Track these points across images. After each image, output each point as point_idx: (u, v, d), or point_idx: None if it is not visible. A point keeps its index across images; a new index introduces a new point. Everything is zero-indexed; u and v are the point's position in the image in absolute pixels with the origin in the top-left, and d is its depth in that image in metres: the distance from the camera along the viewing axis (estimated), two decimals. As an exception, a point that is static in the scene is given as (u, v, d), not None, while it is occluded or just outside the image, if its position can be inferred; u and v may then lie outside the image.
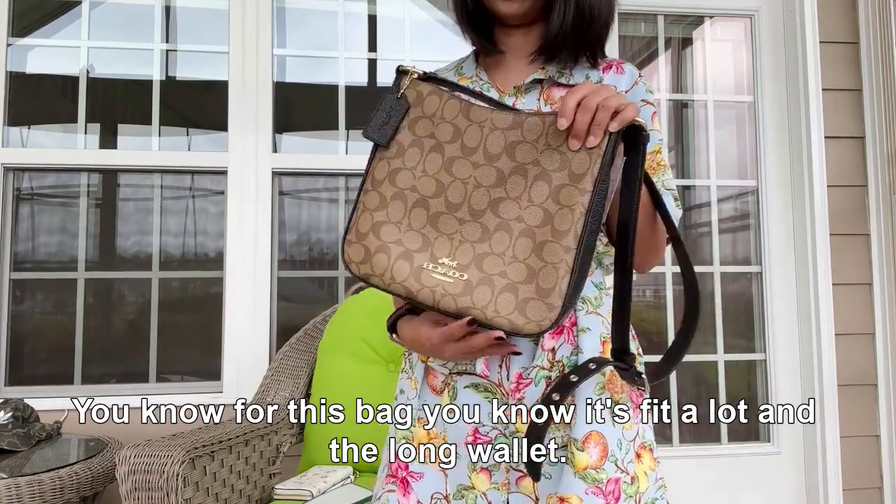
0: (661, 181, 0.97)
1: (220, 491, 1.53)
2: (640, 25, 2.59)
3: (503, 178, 0.80)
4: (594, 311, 0.95)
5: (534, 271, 0.77)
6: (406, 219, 0.83)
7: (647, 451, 0.93)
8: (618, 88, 0.98)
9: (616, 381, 0.93)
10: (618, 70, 1.01)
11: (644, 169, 0.81)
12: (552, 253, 0.77)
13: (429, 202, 0.83)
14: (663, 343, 2.47)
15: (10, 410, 1.79)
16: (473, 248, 0.80)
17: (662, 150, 0.99)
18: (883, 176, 2.38)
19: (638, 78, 1.00)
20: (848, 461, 2.33)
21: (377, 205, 0.85)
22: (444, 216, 0.82)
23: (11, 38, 2.24)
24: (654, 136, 0.97)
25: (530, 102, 0.99)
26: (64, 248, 2.26)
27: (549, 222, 0.77)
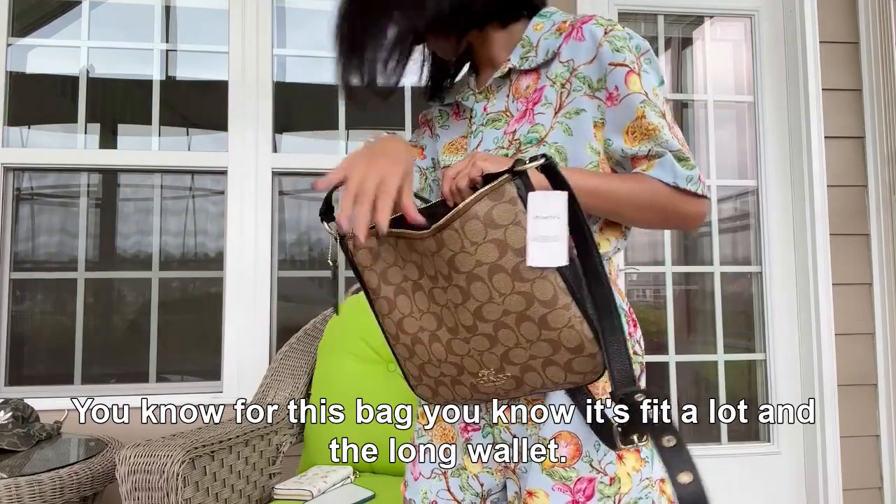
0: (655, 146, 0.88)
1: (220, 491, 1.53)
2: (640, 25, 2.59)
3: (466, 291, 0.80)
4: None
5: (555, 341, 0.78)
6: (430, 355, 0.87)
7: (632, 452, 0.91)
8: (576, 61, 0.91)
9: (599, 384, 0.90)
10: (577, 36, 0.92)
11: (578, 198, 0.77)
12: (557, 320, 0.77)
13: (437, 335, 0.86)
14: (663, 343, 2.47)
15: (10, 410, 1.79)
16: (493, 354, 0.82)
17: (648, 110, 0.87)
18: (883, 176, 2.38)
19: (602, 38, 0.89)
20: (848, 461, 2.33)
21: (408, 354, 0.90)
22: (453, 341, 0.84)
23: (11, 38, 2.24)
24: (633, 100, 0.88)
25: (500, 99, 0.97)
26: (64, 248, 2.26)
27: (533, 300, 0.77)
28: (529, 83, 0.96)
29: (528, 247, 0.75)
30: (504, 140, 0.95)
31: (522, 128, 0.93)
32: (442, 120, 1.09)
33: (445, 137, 1.06)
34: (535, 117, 0.93)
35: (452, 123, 1.06)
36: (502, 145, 0.95)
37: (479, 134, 0.98)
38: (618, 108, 0.89)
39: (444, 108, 1.09)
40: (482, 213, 0.76)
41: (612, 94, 0.89)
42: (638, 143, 0.88)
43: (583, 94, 0.90)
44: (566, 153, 0.91)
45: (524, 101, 0.95)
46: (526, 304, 0.77)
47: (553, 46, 0.93)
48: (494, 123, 0.97)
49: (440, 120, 1.09)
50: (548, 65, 0.94)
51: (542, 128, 0.92)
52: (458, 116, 1.05)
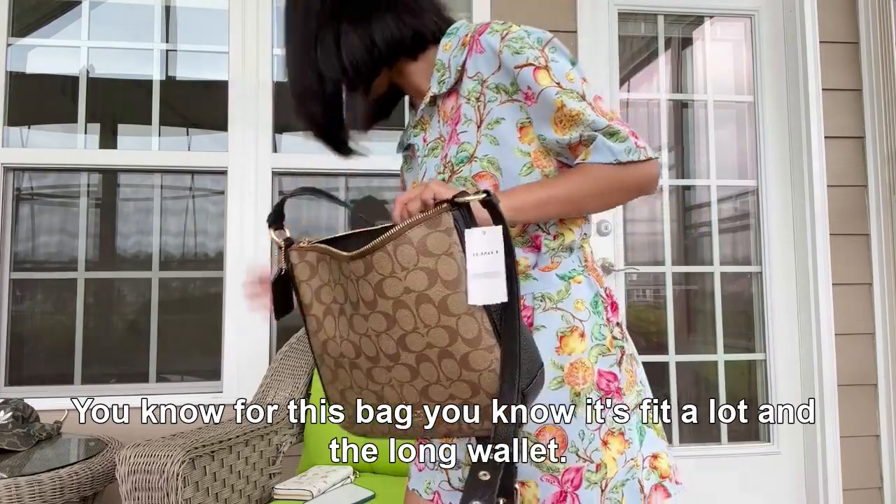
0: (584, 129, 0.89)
1: (220, 491, 1.53)
2: (640, 25, 2.59)
3: (391, 318, 0.78)
4: (554, 307, 0.94)
5: (475, 384, 0.76)
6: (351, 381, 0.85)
7: (616, 435, 0.93)
8: (484, 73, 0.94)
9: (577, 373, 0.92)
10: (478, 49, 0.94)
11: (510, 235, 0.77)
12: (479, 361, 0.75)
13: (356, 362, 0.84)
14: (663, 343, 2.47)
15: (10, 410, 1.79)
16: (413, 387, 0.80)
17: (566, 98, 0.89)
18: (883, 176, 2.38)
19: (500, 45, 0.92)
20: (848, 461, 2.33)
21: (330, 377, 0.88)
22: (374, 369, 0.82)
23: (11, 38, 2.24)
24: (548, 94, 0.89)
25: (434, 127, 1.01)
26: (64, 248, 2.26)
27: (457, 336, 0.75)
28: (452, 104, 0.98)
29: (468, 284, 0.74)
30: (441, 165, 0.97)
31: (451, 149, 0.96)
32: (406, 165, 1.13)
33: (410, 179, 1.10)
34: (459, 136, 0.96)
35: (414, 165, 1.09)
36: (440, 170, 0.97)
37: (423, 165, 1.01)
38: (538, 105, 0.91)
39: (405, 153, 1.13)
40: (416, 239, 0.75)
41: (528, 94, 0.91)
42: (568, 131, 0.90)
43: (499, 103, 0.93)
44: (498, 163, 0.93)
45: (450, 122, 0.98)
46: (449, 339, 0.75)
47: (459, 62, 0.96)
48: (433, 152, 1.00)
49: (405, 165, 1.13)
50: (460, 82, 0.97)
51: (470, 145, 0.94)
52: (414, 157, 1.08)
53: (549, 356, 0.92)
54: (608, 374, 0.94)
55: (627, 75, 2.56)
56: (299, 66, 0.99)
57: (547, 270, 0.95)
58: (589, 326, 0.94)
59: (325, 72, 0.97)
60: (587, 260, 0.99)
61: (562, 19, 2.39)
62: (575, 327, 0.93)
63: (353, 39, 0.96)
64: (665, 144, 2.56)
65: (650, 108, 2.57)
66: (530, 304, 0.94)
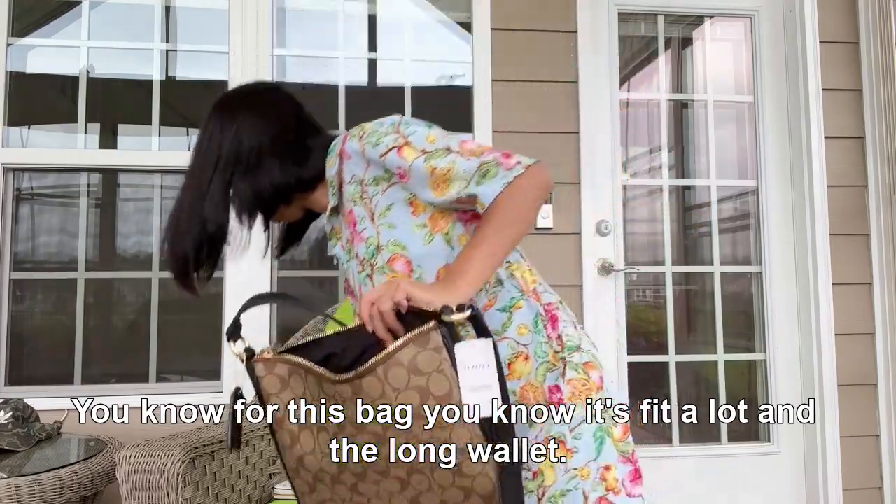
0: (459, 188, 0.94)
1: (220, 491, 1.53)
2: (640, 25, 2.59)
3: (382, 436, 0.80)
4: (500, 337, 0.99)
5: (468, 489, 0.78)
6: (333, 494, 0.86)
7: (558, 443, 0.94)
8: (358, 175, 1.03)
9: (528, 393, 0.97)
10: (346, 157, 1.05)
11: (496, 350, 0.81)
12: (472, 467, 0.77)
13: (340, 478, 0.85)
14: (663, 343, 2.47)
15: (10, 410, 1.79)
16: (404, 496, 0.82)
17: (434, 161, 0.95)
18: (883, 176, 2.38)
19: (360, 145, 1.01)
20: (848, 461, 2.33)
21: (308, 489, 0.88)
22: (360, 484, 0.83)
23: (11, 38, 2.24)
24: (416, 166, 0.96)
25: (344, 233, 1.10)
26: (64, 248, 2.26)
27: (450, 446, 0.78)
28: (345, 210, 1.08)
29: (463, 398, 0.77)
30: (358, 265, 1.07)
31: (360, 248, 1.05)
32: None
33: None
34: (362, 234, 1.04)
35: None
36: (360, 270, 1.06)
37: (349, 269, 1.11)
38: (413, 179, 0.98)
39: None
40: (407, 360, 0.78)
41: (401, 174, 0.99)
42: (446, 190, 0.95)
43: (382, 193, 1.01)
44: (402, 243, 1.00)
45: (350, 227, 1.07)
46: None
47: (333, 174, 1.07)
48: (350, 254, 1.10)
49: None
50: (343, 189, 1.06)
51: (373, 238, 1.02)
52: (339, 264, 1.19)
53: None
54: (554, 387, 0.97)
55: (627, 75, 2.56)
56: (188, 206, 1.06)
57: (487, 308, 1.01)
58: (532, 348, 0.99)
59: (208, 216, 1.05)
60: (523, 284, 1.04)
61: (562, 19, 2.39)
62: (520, 352, 0.98)
63: (242, 187, 1.05)
64: (665, 144, 2.56)
65: (650, 108, 2.57)
66: None
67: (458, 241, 1.01)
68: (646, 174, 2.56)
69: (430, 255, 1.00)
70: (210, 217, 1.04)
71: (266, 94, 1.12)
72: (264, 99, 1.11)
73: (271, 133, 1.06)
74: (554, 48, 2.38)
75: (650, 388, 2.46)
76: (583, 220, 2.33)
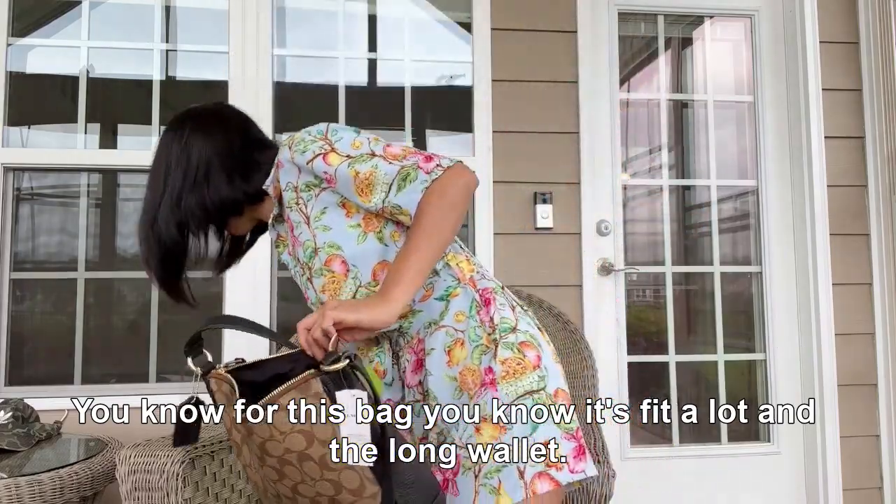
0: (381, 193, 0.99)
1: (220, 491, 1.53)
2: (640, 25, 2.59)
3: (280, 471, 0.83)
4: (437, 327, 1.03)
5: None
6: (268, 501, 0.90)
7: (488, 422, 0.96)
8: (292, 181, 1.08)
9: (467, 378, 1.00)
10: (280, 166, 1.10)
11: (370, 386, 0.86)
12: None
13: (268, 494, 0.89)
14: (663, 343, 2.47)
15: (10, 410, 1.79)
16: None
17: (357, 166, 1.01)
18: (883, 176, 2.38)
19: (290, 154, 1.06)
20: (848, 461, 2.33)
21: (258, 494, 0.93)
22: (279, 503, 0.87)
23: (11, 38, 2.24)
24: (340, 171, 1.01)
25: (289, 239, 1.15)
26: (64, 248, 2.26)
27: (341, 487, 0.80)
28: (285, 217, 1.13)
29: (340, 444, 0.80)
30: (299, 268, 1.12)
31: (299, 251, 1.10)
32: None
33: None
34: (299, 238, 1.08)
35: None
36: (301, 273, 1.13)
37: (295, 274, 1.17)
38: (340, 183, 1.03)
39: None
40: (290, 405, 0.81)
41: (328, 178, 1.04)
42: (370, 195, 1.00)
43: (315, 197, 1.05)
44: (337, 244, 1.04)
45: (290, 231, 1.12)
46: (335, 490, 0.80)
47: (271, 187, 1.11)
48: (294, 259, 1.15)
49: None
50: (281, 197, 1.11)
51: (310, 241, 1.07)
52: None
53: (443, 371, 1.01)
54: (487, 368, 1.00)
55: (627, 75, 2.56)
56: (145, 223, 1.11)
57: (426, 299, 1.05)
58: (468, 333, 1.02)
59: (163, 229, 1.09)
60: (459, 272, 1.08)
61: (562, 19, 2.39)
62: (458, 339, 1.02)
63: (190, 201, 1.09)
64: (665, 144, 2.56)
65: (650, 108, 2.57)
66: (422, 336, 1.04)
67: (391, 238, 1.05)
68: (646, 174, 2.56)
69: (364, 253, 1.04)
70: (163, 232, 1.09)
71: (214, 111, 1.19)
72: (212, 116, 1.16)
73: (217, 148, 1.10)
74: (554, 48, 2.38)
75: (650, 388, 2.46)
76: (583, 220, 2.33)
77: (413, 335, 1.06)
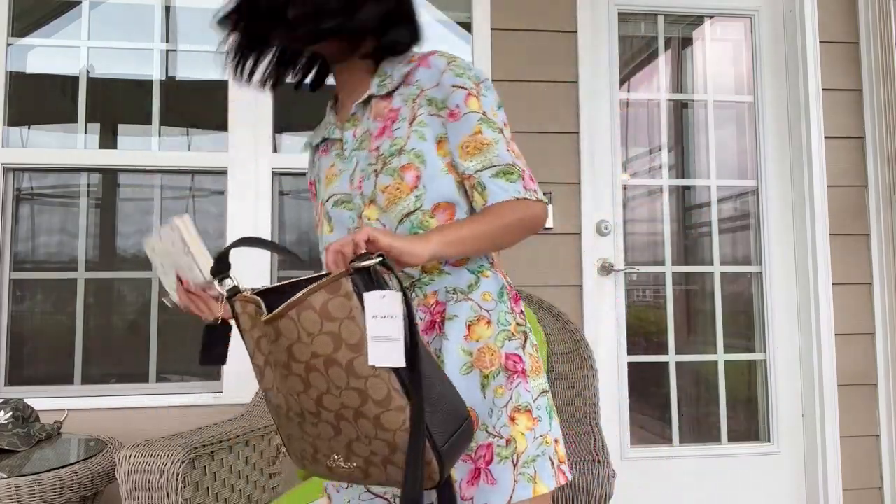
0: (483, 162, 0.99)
1: (220, 491, 1.53)
2: (640, 25, 2.59)
3: (306, 380, 0.79)
4: (465, 298, 1.02)
5: (392, 443, 0.78)
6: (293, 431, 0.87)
7: (523, 412, 0.98)
8: (423, 84, 1.05)
9: (485, 357, 0.99)
10: (425, 64, 1.06)
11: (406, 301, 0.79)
12: (391, 421, 0.77)
13: (290, 415, 0.85)
14: (663, 343, 2.47)
15: (10, 410, 1.79)
16: (339, 442, 0.82)
17: (485, 126, 1.01)
18: (883, 176, 2.38)
19: (446, 66, 1.04)
20: (848, 461, 2.33)
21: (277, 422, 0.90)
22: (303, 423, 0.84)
23: (11, 38, 2.24)
24: (472, 117, 1.01)
25: (364, 123, 1.09)
26: (64, 248, 2.26)
27: (367, 398, 0.77)
28: (385, 105, 1.08)
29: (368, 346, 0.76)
30: (372, 157, 1.06)
31: (384, 143, 1.05)
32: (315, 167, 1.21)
33: (322, 174, 1.16)
34: (394, 132, 1.04)
35: (322, 160, 1.17)
36: (371, 162, 1.05)
37: (352, 159, 1.09)
38: (459, 123, 1.02)
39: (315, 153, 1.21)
40: (318, 305, 0.77)
41: (453, 112, 1.02)
42: (470, 158, 1.00)
43: (429, 113, 1.04)
44: (424, 156, 1.02)
45: (381, 119, 1.07)
46: (360, 400, 0.77)
47: (404, 71, 1.07)
48: (362, 145, 1.08)
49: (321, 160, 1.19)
50: (400, 87, 1.07)
51: (401, 139, 1.03)
52: (325, 152, 1.17)
53: (459, 343, 0.99)
54: (514, 356, 1.01)
55: (627, 75, 2.56)
56: None
57: (458, 266, 1.04)
58: (495, 315, 1.02)
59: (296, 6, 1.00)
60: (495, 259, 1.10)
61: (562, 19, 2.39)
62: (482, 316, 1.01)
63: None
64: (665, 144, 2.56)
65: (650, 108, 2.57)
66: (443, 300, 1.03)
67: (463, 196, 1.04)
68: (646, 174, 2.56)
69: (439, 183, 1.02)
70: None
71: None
72: None
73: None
74: (554, 48, 2.38)
75: (650, 388, 2.46)
76: (583, 220, 2.33)
77: (429, 294, 1.03)
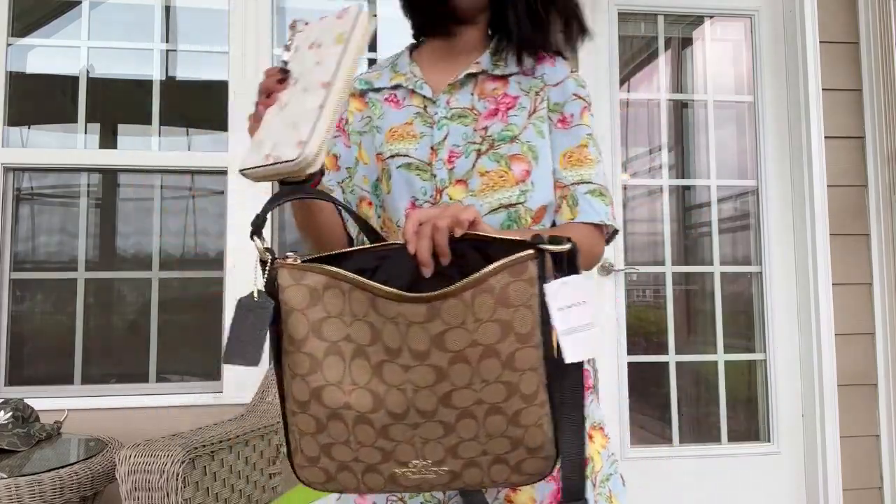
0: (582, 176, 0.97)
1: (220, 491, 1.53)
2: (640, 25, 2.59)
3: (443, 372, 0.69)
4: None
5: (518, 439, 0.71)
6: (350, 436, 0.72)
7: (598, 430, 0.97)
8: (547, 80, 1.01)
9: None
10: (551, 62, 1.03)
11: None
12: (529, 417, 0.70)
13: (370, 417, 0.71)
14: (663, 343, 2.47)
15: (10, 410, 1.79)
16: (441, 444, 0.72)
17: (591, 144, 0.99)
18: (883, 176, 2.38)
19: (570, 73, 1.02)
20: (848, 461, 2.33)
21: (314, 428, 0.73)
22: (392, 427, 0.71)
23: (11, 38, 2.24)
24: (582, 130, 0.99)
25: (464, 98, 0.99)
26: (64, 248, 2.26)
27: (516, 392, 0.69)
28: (497, 87, 1.01)
29: (561, 343, 0.68)
30: (476, 136, 0.98)
31: (495, 125, 0.97)
32: (373, 111, 1.05)
33: (385, 126, 1.02)
34: (508, 118, 0.98)
35: (390, 111, 1.03)
36: (473, 140, 0.97)
37: (443, 127, 0.98)
38: (568, 132, 0.98)
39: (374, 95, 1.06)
40: (498, 288, 0.68)
41: (566, 119, 0.99)
42: (571, 168, 0.97)
43: (545, 110, 1.00)
44: (537, 152, 0.97)
45: (492, 101, 0.99)
46: (506, 395, 0.69)
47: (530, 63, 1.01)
48: (462, 119, 0.99)
49: (372, 111, 1.05)
50: (517, 75, 1.02)
51: (516, 127, 0.98)
52: (395, 103, 1.03)
53: None
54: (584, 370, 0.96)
55: (627, 75, 2.56)
56: None
57: None
58: None
59: None
60: None
61: (562, 19, 2.39)
62: None
63: None
64: (665, 144, 2.56)
65: (650, 108, 2.57)
66: None
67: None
68: (646, 174, 2.56)
69: (548, 185, 0.98)
70: None
71: None
72: None
73: None
74: (554, 48, 2.38)
75: (650, 388, 2.46)
76: (583, 220, 2.33)
77: None
